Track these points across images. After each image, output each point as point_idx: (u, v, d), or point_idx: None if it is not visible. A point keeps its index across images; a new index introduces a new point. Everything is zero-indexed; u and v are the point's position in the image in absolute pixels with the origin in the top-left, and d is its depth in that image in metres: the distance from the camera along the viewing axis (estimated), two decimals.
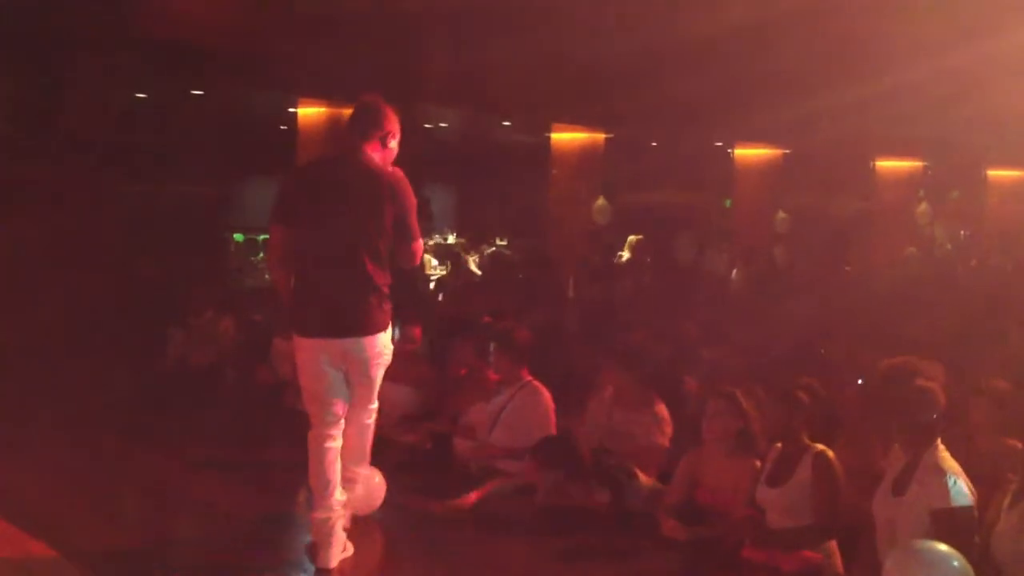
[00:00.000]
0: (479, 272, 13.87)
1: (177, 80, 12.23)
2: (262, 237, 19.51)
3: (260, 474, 5.86)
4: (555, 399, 5.97)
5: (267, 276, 14.11)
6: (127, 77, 9.93)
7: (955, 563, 3.71)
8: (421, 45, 11.00)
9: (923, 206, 18.79)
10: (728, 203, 19.44)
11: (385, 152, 4.39)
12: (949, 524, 3.98)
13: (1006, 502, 4.06)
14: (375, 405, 4.59)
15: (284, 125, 14.18)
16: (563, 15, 10.75)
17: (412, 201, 4.37)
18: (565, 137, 14.61)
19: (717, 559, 4.68)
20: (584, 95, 12.58)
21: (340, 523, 4.39)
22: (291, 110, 13.07)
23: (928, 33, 11.34)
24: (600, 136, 14.58)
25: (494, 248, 16.60)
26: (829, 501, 4.49)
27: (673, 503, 5.07)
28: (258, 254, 18.23)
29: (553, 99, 12.82)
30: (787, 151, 16.94)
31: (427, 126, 16.00)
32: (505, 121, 16.05)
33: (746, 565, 4.57)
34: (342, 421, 4.47)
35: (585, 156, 14.53)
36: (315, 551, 4.35)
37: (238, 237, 18.35)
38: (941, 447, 4.18)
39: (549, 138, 14.70)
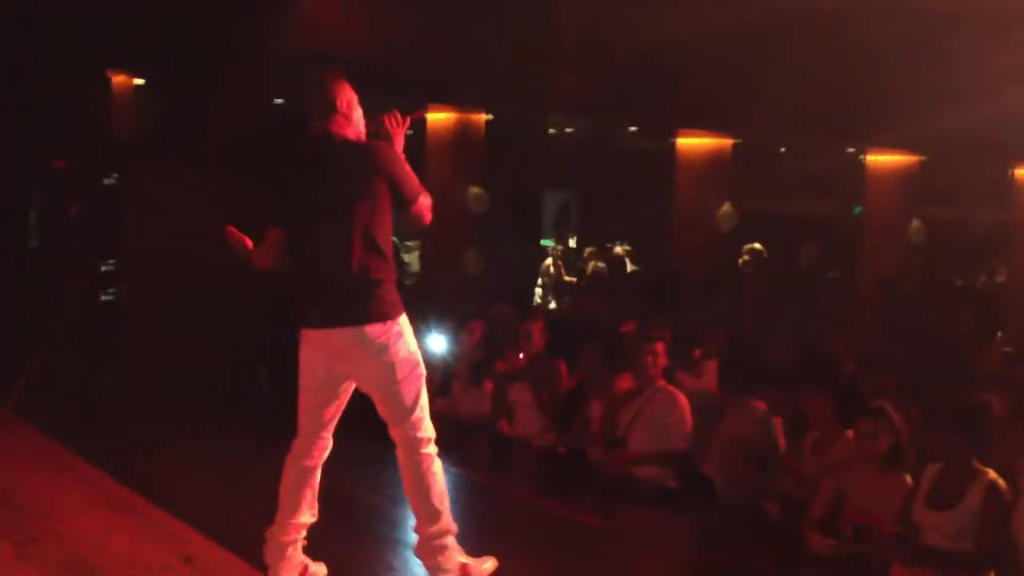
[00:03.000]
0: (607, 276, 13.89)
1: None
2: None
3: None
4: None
5: None
6: (271, 85, 10.26)
7: None
8: (551, 48, 11.05)
9: None
10: (858, 210, 18.95)
11: (350, 123, 3.98)
12: None
13: None
14: (423, 434, 3.92)
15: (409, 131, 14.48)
16: (696, 19, 10.71)
17: (396, 166, 3.92)
18: (691, 142, 14.48)
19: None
20: (712, 100, 12.46)
21: (297, 546, 4.05)
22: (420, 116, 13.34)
23: None
24: (728, 142, 14.40)
25: (618, 253, 16.57)
26: (997, 532, 4.31)
27: (818, 517, 4.98)
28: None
29: (680, 103, 12.73)
30: (923, 158, 16.39)
31: (551, 131, 16.09)
32: (632, 127, 15.99)
33: None
34: (325, 443, 4.05)
35: (712, 162, 14.37)
36: (267, 569, 4.05)
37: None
38: None
39: (675, 144, 14.60)
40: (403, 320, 3.92)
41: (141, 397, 7.39)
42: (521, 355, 6.84)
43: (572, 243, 18.91)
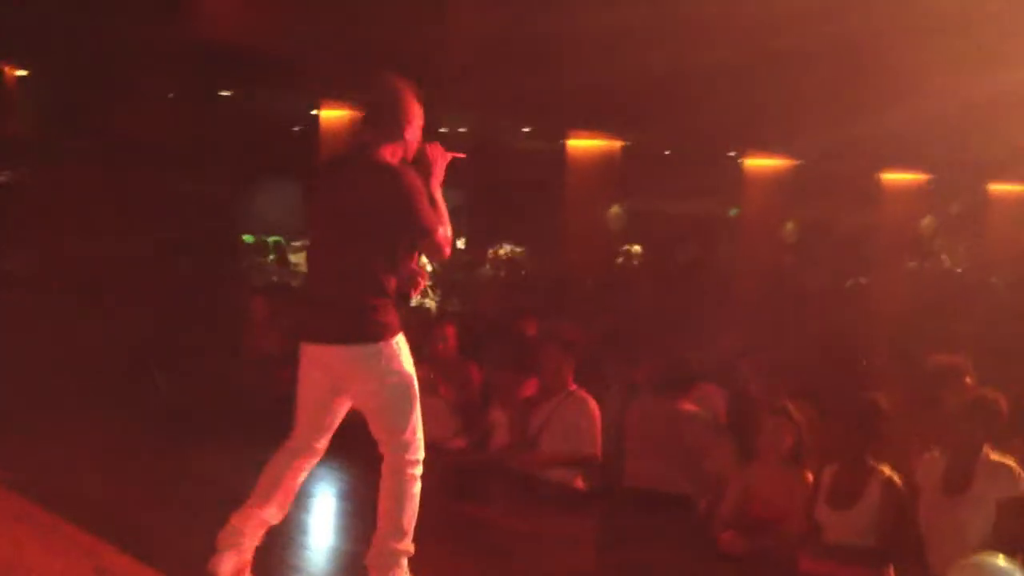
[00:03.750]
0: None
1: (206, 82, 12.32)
2: (272, 239, 19.67)
3: None
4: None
5: (274, 278, 14.25)
6: (163, 79, 10.01)
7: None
8: (442, 43, 11.05)
9: (928, 219, 18.98)
10: (734, 212, 19.62)
11: (397, 143, 3.89)
12: (1018, 512, 4.09)
13: None
14: (411, 455, 3.91)
15: (300, 126, 14.30)
16: (588, 22, 10.90)
17: (415, 195, 3.81)
18: (582, 144, 14.73)
19: (775, 572, 4.79)
20: (602, 103, 12.72)
21: (251, 542, 3.98)
22: (313, 112, 13.17)
23: (939, 53, 11.58)
24: (617, 144, 14.71)
25: (508, 253, 16.72)
26: (895, 527, 4.58)
27: (727, 516, 5.18)
28: (267, 255, 18.27)
29: (571, 105, 12.94)
30: (798, 162, 17.10)
31: (442, 130, 16.11)
32: (525, 128, 16.18)
33: None
34: (316, 453, 4.05)
35: (602, 163, 14.65)
36: (213, 554, 3.96)
37: (248, 238, 18.41)
38: None
39: (565, 145, 14.83)
40: (399, 340, 3.91)
41: (32, 404, 7.11)
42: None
43: (460, 244, 19.00)
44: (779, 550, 4.86)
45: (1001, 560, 3.84)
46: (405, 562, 3.93)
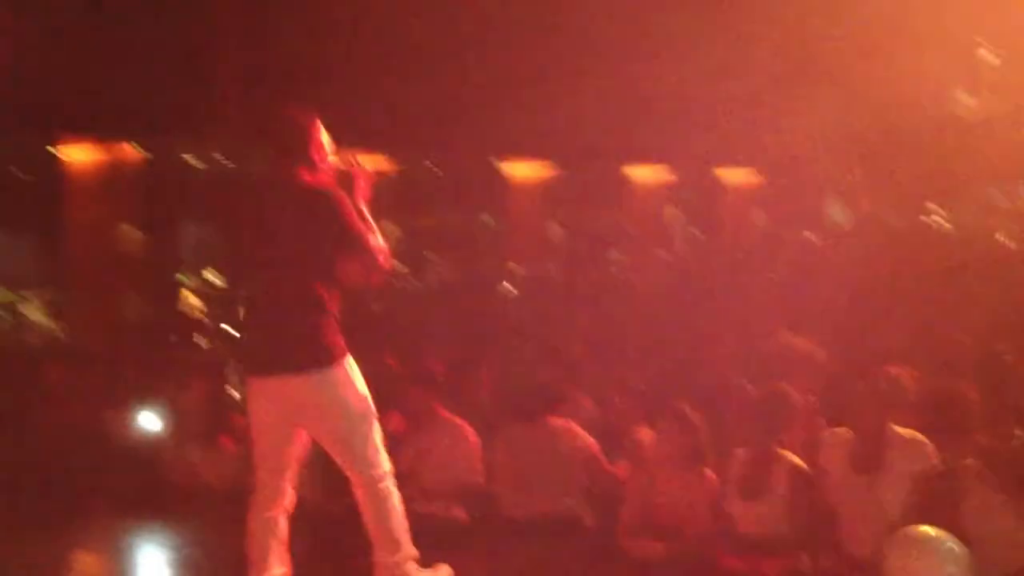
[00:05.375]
0: None
1: None
2: None
3: None
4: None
5: None
6: None
7: (953, 546, 3.94)
8: None
9: (672, 209, 20.02)
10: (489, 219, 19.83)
11: (317, 168, 3.94)
12: (930, 485, 4.21)
13: None
14: (379, 469, 3.93)
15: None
16: None
17: (351, 215, 3.84)
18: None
19: (696, 573, 4.72)
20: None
21: None
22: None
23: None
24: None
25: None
26: (804, 513, 4.64)
27: (631, 524, 5.08)
28: None
29: None
30: (552, 165, 17.36)
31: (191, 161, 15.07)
32: None
33: (728, 574, 4.64)
34: (286, 493, 3.97)
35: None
36: None
37: None
38: None
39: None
40: (350, 360, 3.88)
41: None
42: None
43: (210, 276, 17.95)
44: (698, 549, 4.80)
45: (933, 531, 3.97)
46: (411, 566, 3.96)
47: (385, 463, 3.95)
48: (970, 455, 4.20)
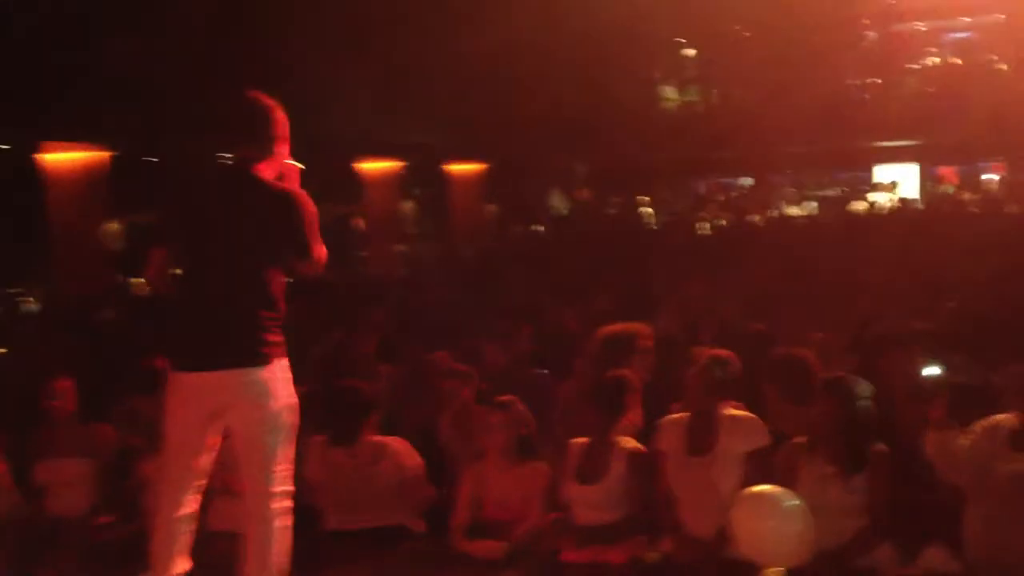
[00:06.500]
0: None
1: None
2: None
3: None
4: None
5: None
6: None
7: (797, 502, 4.12)
8: None
9: (408, 203, 19.95)
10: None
11: (274, 159, 3.85)
12: (765, 461, 4.40)
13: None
14: (281, 487, 3.74)
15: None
16: None
17: (309, 216, 3.77)
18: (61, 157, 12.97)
19: (538, 569, 4.66)
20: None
21: None
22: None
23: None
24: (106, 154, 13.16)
25: None
26: (644, 496, 4.69)
27: (462, 524, 4.94)
28: None
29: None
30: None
31: None
32: None
33: (570, 568, 4.61)
34: (197, 493, 3.82)
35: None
36: None
37: None
38: None
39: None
40: (285, 363, 3.79)
41: None
42: None
43: None
44: (537, 545, 4.74)
45: (777, 489, 4.14)
46: None
47: (288, 483, 3.76)
48: (801, 431, 4.44)
